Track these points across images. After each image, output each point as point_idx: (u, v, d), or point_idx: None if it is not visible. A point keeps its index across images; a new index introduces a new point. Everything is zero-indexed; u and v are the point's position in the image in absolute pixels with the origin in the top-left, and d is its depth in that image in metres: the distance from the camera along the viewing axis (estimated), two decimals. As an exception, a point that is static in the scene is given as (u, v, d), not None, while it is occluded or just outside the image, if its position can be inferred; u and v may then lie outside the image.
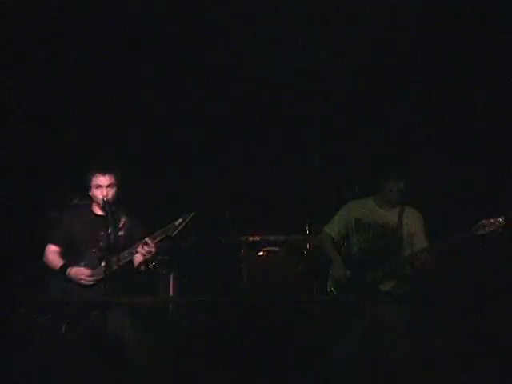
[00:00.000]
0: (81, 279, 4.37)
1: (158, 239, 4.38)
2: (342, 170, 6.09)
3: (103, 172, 4.43)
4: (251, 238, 6.09)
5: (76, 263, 4.43)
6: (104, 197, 4.37)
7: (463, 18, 6.21)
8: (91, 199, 4.53)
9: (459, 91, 6.35)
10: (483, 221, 4.24)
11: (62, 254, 4.51)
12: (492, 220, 4.22)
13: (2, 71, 5.89)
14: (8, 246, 5.66)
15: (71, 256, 4.47)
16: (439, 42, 6.55)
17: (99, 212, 4.51)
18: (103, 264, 4.32)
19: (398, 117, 6.46)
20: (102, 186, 4.41)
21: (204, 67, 6.90)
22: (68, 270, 4.40)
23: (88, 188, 4.47)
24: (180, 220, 4.43)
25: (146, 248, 4.30)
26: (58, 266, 4.44)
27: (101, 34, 6.47)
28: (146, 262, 4.43)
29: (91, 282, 4.37)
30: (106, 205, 4.34)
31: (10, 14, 5.96)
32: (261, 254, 5.73)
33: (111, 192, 4.42)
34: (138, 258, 4.44)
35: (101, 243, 4.40)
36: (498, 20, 5.94)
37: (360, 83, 6.58)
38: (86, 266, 4.42)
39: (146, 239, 4.35)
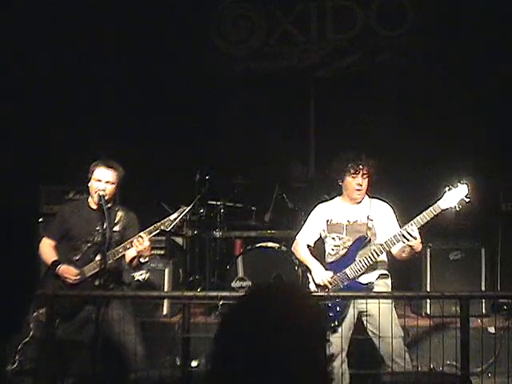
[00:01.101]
0: (65, 278, 4.39)
1: (153, 233, 4.39)
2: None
3: (107, 166, 4.44)
4: (247, 234, 6.11)
5: (71, 256, 4.46)
6: (100, 191, 4.39)
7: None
8: (89, 193, 4.53)
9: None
10: (447, 192, 4.19)
11: (57, 248, 4.54)
12: (454, 188, 4.17)
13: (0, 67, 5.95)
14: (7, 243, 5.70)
15: (66, 249, 4.50)
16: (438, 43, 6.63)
17: (96, 207, 4.49)
18: (97, 258, 4.36)
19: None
20: (102, 181, 4.41)
21: (204, 67, 6.95)
22: (58, 267, 4.43)
23: (88, 179, 4.47)
24: (175, 215, 4.43)
25: (140, 241, 4.32)
26: (50, 261, 4.48)
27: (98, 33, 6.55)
28: (139, 256, 4.41)
29: (76, 281, 4.38)
30: (100, 200, 4.36)
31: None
32: (257, 249, 5.72)
33: (109, 188, 4.41)
34: (131, 253, 4.43)
35: (96, 237, 4.43)
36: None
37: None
38: (80, 259, 4.45)
39: (141, 233, 4.36)
